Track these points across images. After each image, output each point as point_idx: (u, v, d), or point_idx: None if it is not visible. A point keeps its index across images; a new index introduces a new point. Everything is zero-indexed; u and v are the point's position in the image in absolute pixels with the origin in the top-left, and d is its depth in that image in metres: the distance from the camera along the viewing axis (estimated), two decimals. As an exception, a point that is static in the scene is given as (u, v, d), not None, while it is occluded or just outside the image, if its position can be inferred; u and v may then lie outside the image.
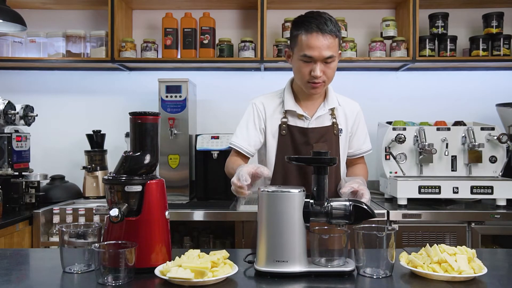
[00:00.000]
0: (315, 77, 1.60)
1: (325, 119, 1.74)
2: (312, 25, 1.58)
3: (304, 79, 1.64)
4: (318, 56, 1.58)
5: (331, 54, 1.58)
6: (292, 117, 1.73)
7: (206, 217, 2.40)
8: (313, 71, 1.60)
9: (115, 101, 3.12)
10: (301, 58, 1.61)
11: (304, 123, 1.72)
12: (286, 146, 1.71)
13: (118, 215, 1.20)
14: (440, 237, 2.37)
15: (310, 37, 1.57)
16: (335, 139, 1.73)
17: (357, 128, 1.81)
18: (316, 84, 1.63)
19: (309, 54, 1.58)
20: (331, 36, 1.58)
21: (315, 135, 1.70)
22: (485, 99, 3.01)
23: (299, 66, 1.63)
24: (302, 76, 1.64)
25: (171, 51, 2.86)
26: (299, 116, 1.72)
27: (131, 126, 1.31)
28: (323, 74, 1.61)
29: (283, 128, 1.72)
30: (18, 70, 3.12)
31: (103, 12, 2.98)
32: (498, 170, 2.63)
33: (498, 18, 2.84)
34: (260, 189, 1.26)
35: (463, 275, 1.15)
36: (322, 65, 1.60)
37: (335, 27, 1.60)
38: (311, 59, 1.59)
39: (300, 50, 1.60)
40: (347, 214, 1.25)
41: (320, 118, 1.73)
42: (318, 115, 1.72)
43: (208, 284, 1.13)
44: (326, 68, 1.61)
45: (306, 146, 1.69)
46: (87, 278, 1.20)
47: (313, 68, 1.60)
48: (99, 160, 2.89)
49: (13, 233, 2.29)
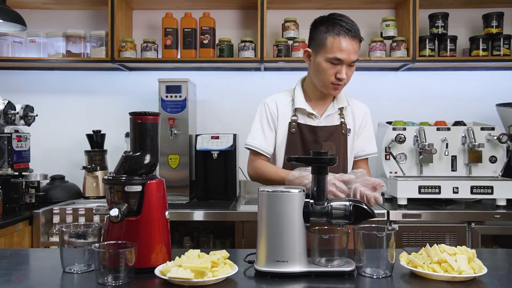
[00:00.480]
0: (340, 79, 1.64)
1: (334, 118, 1.76)
2: (343, 28, 1.61)
3: (328, 80, 1.66)
4: (347, 59, 1.62)
5: (356, 57, 1.64)
6: (302, 116, 1.75)
7: (206, 217, 2.40)
8: (339, 73, 1.63)
9: (115, 101, 3.12)
10: (329, 60, 1.63)
11: (314, 121, 1.74)
12: (295, 144, 1.73)
13: (118, 215, 1.20)
14: (440, 237, 2.37)
15: (342, 40, 1.61)
16: (343, 139, 1.75)
17: (363, 129, 1.82)
18: (338, 86, 1.67)
19: (340, 57, 1.61)
20: (358, 40, 1.64)
21: (324, 134, 1.72)
22: (485, 99, 3.01)
23: (325, 67, 1.65)
24: (327, 77, 1.66)
25: (171, 51, 2.86)
26: (308, 115, 1.74)
27: (131, 126, 1.31)
28: (346, 77, 1.65)
29: (293, 126, 1.74)
30: (18, 70, 3.12)
31: (103, 12, 2.98)
32: (498, 170, 2.63)
33: (498, 18, 2.84)
34: (260, 189, 1.26)
35: (463, 275, 1.15)
36: (347, 68, 1.64)
37: (359, 31, 1.66)
38: (340, 61, 1.62)
39: (329, 52, 1.62)
40: (347, 214, 1.25)
41: (329, 117, 1.75)
42: (327, 114, 1.75)
43: (208, 284, 1.13)
44: (348, 70, 1.65)
45: (315, 144, 1.71)
46: (87, 278, 1.20)
47: (339, 70, 1.63)
48: (99, 160, 2.89)
49: (13, 233, 2.29)
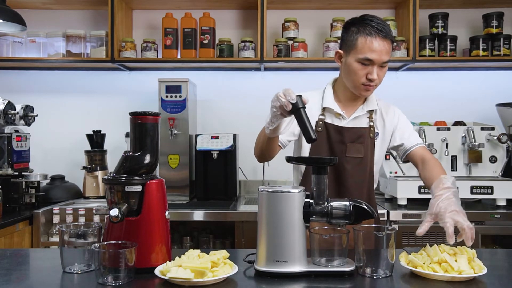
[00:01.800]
0: (371, 80, 1.61)
1: (362, 120, 1.74)
2: (374, 28, 1.59)
3: (359, 81, 1.64)
4: (378, 60, 1.59)
5: (388, 58, 1.62)
6: (330, 115, 1.74)
7: (206, 217, 2.40)
8: (370, 74, 1.61)
9: (115, 101, 3.12)
10: (360, 60, 1.61)
11: (341, 122, 1.73)
12: (321, 143, 1.71)
13: (118, 215, 1.20)
14: (440, 237, 2.36)
15: (373, 41, 1.58)
16: (370, 142, 1.72)
17: (397, 123, 1.78)
18: (370, 87, 1.65)
19: (371, 57, 1.59)
20: (390, 41, 1.62)
21: (350, 135, 1.70)
22: (485, 99, 3.00)
23: (356, 68, 1.63)
24: (358, 78, 1.64)
25: (171, 51, 2.86)
26: (336, 115, 1.73)
27: (131, 126, 1.31)
28: (377, 77, 1.63)
29: (320, 125, 1.72)
30: (18, 70, 3.12)
31: (103, 12, 2.98)
32: (498, 170, 2.63)
33: (498, 18, 2.84)
34: (260, 189, 1.26)
35: (463, 275, 1.15)
36: (378, 68, 1.61)
37: (391, 32, 1.64)
38: (371, 62, 1.60)
39: (360, 53, 1.60)
40: (347, 214, 1.25)
41: (357, 119, 1.73)
42: (355, 116, 1.73)
43: (208, 284, 1.13)
44: (380, 71, 1.63)
45: (341, 145, 1.70)
46: (87, 278, 1.20)
47: (370, 71, 1.61)
48: (99, 160, 2.89)
49: (13, 233, 2.29)
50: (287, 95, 1.33)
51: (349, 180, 1.69)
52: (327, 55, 2.83)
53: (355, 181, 1.69)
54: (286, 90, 1.35)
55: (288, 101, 1.32)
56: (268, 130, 1.47)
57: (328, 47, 2.83)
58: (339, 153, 1.69)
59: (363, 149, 1.70)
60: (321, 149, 1.71)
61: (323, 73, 2.97)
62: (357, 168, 1.69)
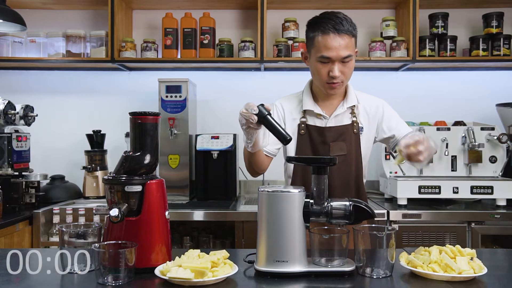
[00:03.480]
0: (333, 77, 1.61)
1: (344, 117, 1.73)
2: (328, 25, 1.58)
3: (322, 80, 1.65)
4: (336, 57, 1.58)
5: (348, 53, 1.59)
6: (311, 117, 1.74)
7: (206, 217, 2.40)
8: (331, 72, 1.60)
9: (115, 101, 3.12)
10: (319, 59, 1.61)
11: (322, 122, 1.73)
12: (304, 146, 1.72)
13: (118, 215, 1.20)
14: (440, 237, 2.37)
15: (327, 38, 1.58)
16: (355, 138, 1.71)
17: (382, 115, 1.75)
18: (335, 84, 1.64)
19: (327, 55, 1.59)
20: (348, 35, 1.59)
21: (332, 134, 1.69)
22: (485, 99, 3.00)
23: (317, 67, 1.63)
24: (321, 77, 1.64)
25: (171, 51, 2.86)
26: (317, 116, 1.73)
27: (131, 126, 1.31)
28: (341, 74, 1.62)
29: (302, 127, 1.73)
30: (18, 70, 3.12)
31: (103, 12, 2.98)
32: (498, 170, 2.63)
33: (498, 18, 2.84)
34: (260, 189, 1.26)
35: (463, 275, 1.15)
36: (340, 65, 1.60)
37: (351, 26, 1.61)
38: (329, 59, 1.60)
39: (318, 52, 1.61)
40: (347, 214, 1.25)
41: (338, 117, 1.73)
42: (336, 114, 1.72)
43: (208, 284, 1.13)
44: (343, 67, 1.62)
45: (324, 145, 1.70)
46: (87, 278, 1.20)
47: (331, 68, 1.60)
48: (99, 160, 2.89)
49: (13, 233, 2.29)
50: (248, 109, 1.36)
51: (335, 178, 1.67)
52: (327, 55, 2.82)
53: (340, 178, 1.69)
54: (247, 105, 1.38)
55: (251, 113, 1.35)
56: (249, 148, 1.52)
57: (328, 47, 2.83)
58: (322, 154, 1.69)
59: (346, 146, 1.69)
60: (305, 151, 1.71)
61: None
62: (342, 166, 1.67)
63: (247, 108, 1.37)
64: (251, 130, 1.42)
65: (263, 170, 1.72)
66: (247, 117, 1.36)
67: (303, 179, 1.71)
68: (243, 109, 1.38)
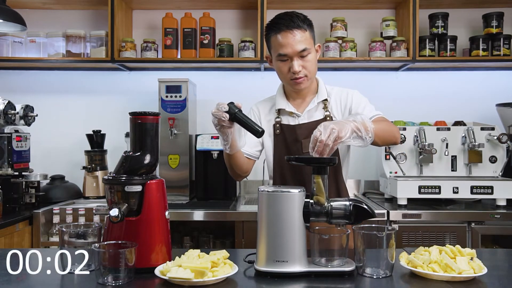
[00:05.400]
0: (294, 72, 1.63)
1: (318, 113, 1.74)
2: (280, 25, 1.63)
3: (286, 78, 1.68)
4: (292, 52, 1.61)
5: (304, 47, 1.61)
6: (285, 116, 1.76)
7: (206, 217, 2.40)
8: (291, 68, 1.63)
9: (115, 101, 3.12)
10: (278, 58, 1.65)
11: (295, 120, 1.74)
12: (280, 145, 1.74)
13: (118, 215, 1.20)
14: (440, 237, 2.36)
15: (280, 36, 1.62)
16: None
17: (352, 102, 1.72)
18: (298, 80, 1.65)
19: (283, 52, 1.62)
20: (300, 30, 1.62)
21: (302, 131, 1.69)
22: (485, 99, 3.00)
23: (278, 66, 1.67)
24: (284, 75, 1.68)
25: (171, 51, 2.86)
26: (290, 114, 1.75)
27: (131, 126, 1.31)
28: (303, 69, 1.64)
29: (277, 127, 1.75)
30: (18, 70, 3.12)
31: (103, 12, 2.98)
32: (498, 170, 2.63)
33: (498, 18, 2.84)
34: (260, 189, 1.26)
35: (463, 275, 1.14)
36: (299, 60, 1.62)
37: (302, 22, 1.64)
38: (286, 56, 1.62)
39: (275, 51, 1.65)
40: (347, 214, 1.25)
41: (311, 113, 1.73)
42: (308, 109, 1.73)
43: (208, 284, 1.13)
44: (303, 62, 1.63)
45: (296, 142, 1.70)
46: (87, 278, 1.20)
47: (290, 65, 1.63)
48: (99, 160, 2.89)
49: (13, 233, 2.29)
50: (219, 108, 1.39)
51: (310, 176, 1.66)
52: (327, 55, 2.83)
53: None
54: (217, 104, 1.41)
55: (222, 112, 1.38)
56: (227, 149, 1.54)
57: (328, 47, 2.83)
58: (295, 152, 1.70)
59: None
60: (281, 151, 1.72)
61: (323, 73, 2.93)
62: None
63: (217, 108, 1.40)
64: (224, 130, 1.45)
65: (246, 173, 1.75)
66: (219, 116, 1.39)
67: (281, 178, 1.73)
68: (214, 109, 1.41)
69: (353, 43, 2.86)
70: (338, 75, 3.07)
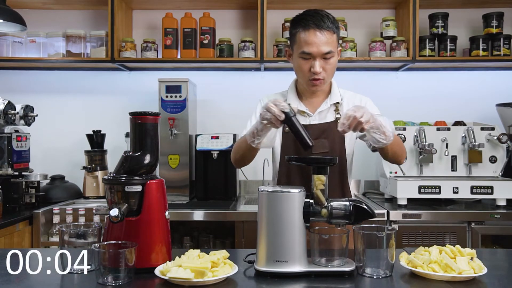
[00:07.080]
0: (315, 73, 1.61)
1: (328, 114, 1.73)
2: (309, 22, 1.60)
3: (305, 77, 1.65)
4: (317, 52, 1.59)
5: (329, 49, 1.60)
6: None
7: (206, 217, 2.40)
8: (312, 68, 1.61)
9: (115, 101, 3.12)
10: (301, 55, 1.62)
11: (306, 119, 1.72)
12: (288, 144, 1.72)
13: (118, 215, 1.20)
14: (440, 237, 2.36)
15: (308, 34, 1.59)
16: (338, 135, 1.69)
17: None
18: (317, 81, 1.64)
19: (308, 51, 1.59)
20: (328, 32, 1.60)
21: (314, 132, 1.69)
22: (485, 99, 3.00)
23: (299, 63, 1.64)
24: (303, 74, 1.65)
25: (171, 51, 2.86)
26: (301, 113, 1.73)
27: (131, 126, 1.31)
28: (323, 71, 1.62)
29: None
30: (18, 70, 3.12)
31: (103, 12, 2.98)
32: (498, 170, 2.63)
33: (498, 18, 2.84)
34: (260, 189, 1.26)
35: (463, 275, 1.14)
36: (321, 61, 1.61)
37: (332, 23, 1.62)
38: (310, 55, 1.60)
39: (299, 48, 1.62)
40: (347, 214, 1.25)
41: (322, 114, 1.73)
42: (320, 111, 1.72)
43: (208, 284, 1.13)
44: (325, 64, 1.62)
45: None
46: (87, 278, 1.20)
47: (312, 64, 1.61)
48: (99, 160, 2.89)
49: (13, 233, 2.29)
50: (278, 105, 1.34)
51: None
52: (327, 55, 2.83)
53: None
54: (275, 100, 1.36)
55: (280, 110, 1.33)
56: (255, 144, 1.51)
57: (328, 47, 2.83)
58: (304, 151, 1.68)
59: (329, 144, 1.68)
60: (289, 149, 1.71)
61: (323, 73, 2.97)
62: None
63: (275, 104, 1.34)
64: (270, 127, 1.40)
65: (250, 162, 1.72)
66: (276, 113, 1.34)
67: (287, 177, 1.71)
68: (271, 103, 1.36)
69: (353, 43, 2.86)
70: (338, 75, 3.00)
